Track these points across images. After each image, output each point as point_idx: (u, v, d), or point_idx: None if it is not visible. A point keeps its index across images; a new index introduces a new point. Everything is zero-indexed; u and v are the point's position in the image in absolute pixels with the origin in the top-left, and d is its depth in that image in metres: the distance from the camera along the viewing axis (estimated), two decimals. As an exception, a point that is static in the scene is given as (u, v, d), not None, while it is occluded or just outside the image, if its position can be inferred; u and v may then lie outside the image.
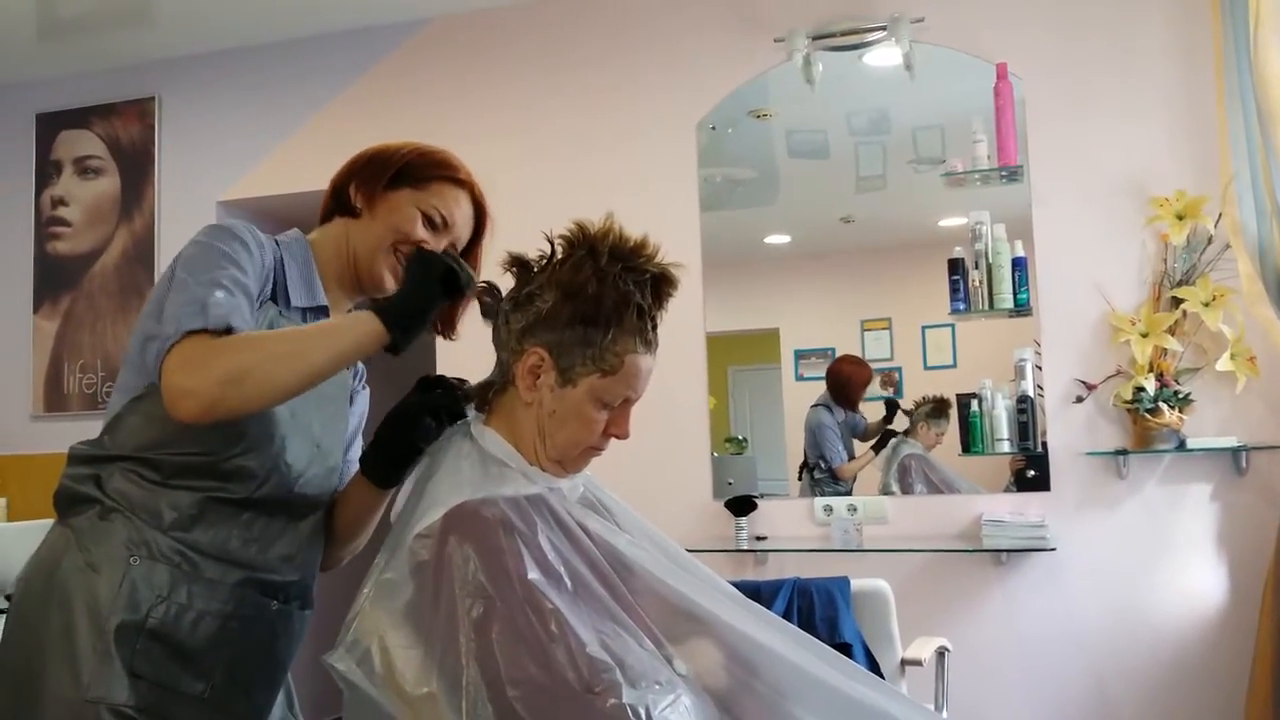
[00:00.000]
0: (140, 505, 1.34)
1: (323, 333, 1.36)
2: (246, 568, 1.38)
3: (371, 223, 1.51)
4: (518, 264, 1.37)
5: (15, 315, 4.34)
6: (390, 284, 1.52)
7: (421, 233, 1.50)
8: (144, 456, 1.35)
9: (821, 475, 3.60)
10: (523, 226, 1.52)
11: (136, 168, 4.26)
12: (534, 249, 1.37)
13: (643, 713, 1.14)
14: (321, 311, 1.51)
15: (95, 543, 1.32)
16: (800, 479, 3.62)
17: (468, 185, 1.55)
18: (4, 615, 1.36)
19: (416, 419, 1.39)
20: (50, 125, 4.38)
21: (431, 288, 1.39)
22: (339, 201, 1.55)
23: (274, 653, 1.45)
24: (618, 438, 1.37)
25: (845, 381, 3.63)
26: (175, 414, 1.25)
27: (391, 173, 1.51)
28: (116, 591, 1.30)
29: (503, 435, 1.35)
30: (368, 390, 1.67)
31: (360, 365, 1.62)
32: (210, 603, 1.35)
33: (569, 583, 1.25)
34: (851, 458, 3.61)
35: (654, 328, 1.35)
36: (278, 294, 1.45)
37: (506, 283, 1.39)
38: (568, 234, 1.34)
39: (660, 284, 1.34)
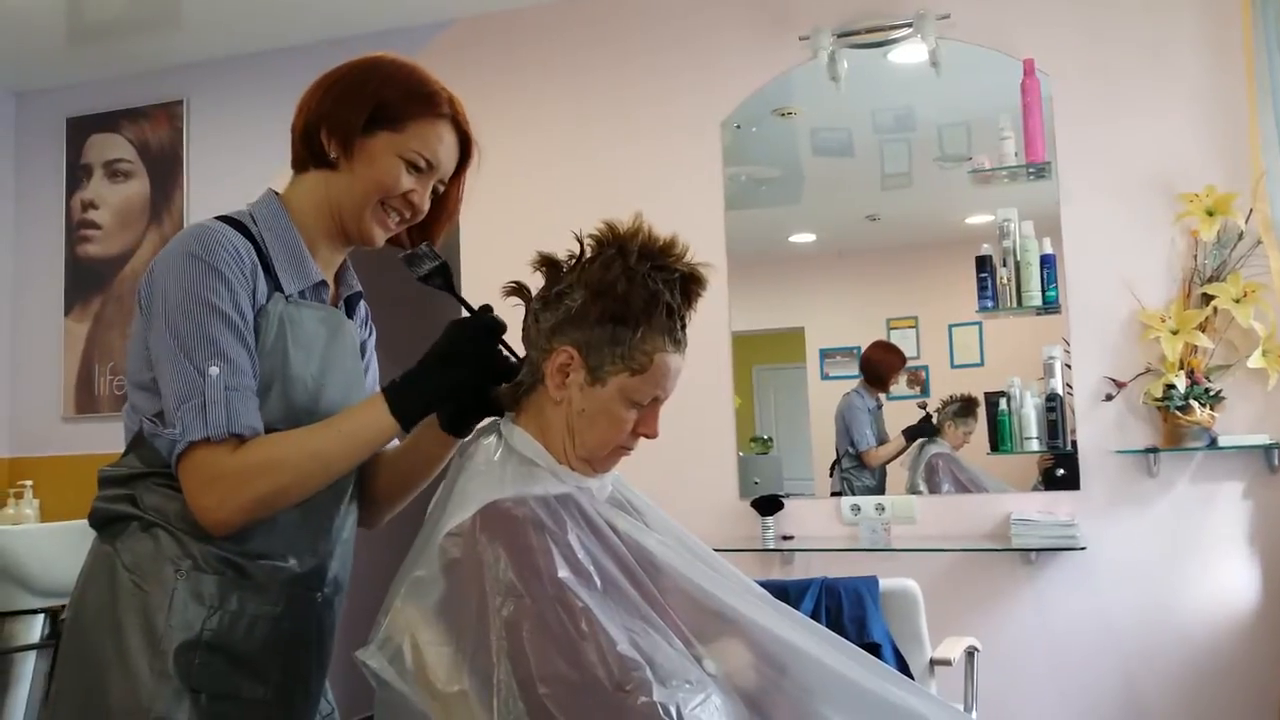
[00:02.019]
0: (179, 517, 1.32)
1: (341, 437, 1.33)
2: (293, 564, 1.39)
3: (351, 176, 1.42)
4: (547, 263, 1.37)
5: (46, 318, 4.38)
6: (380, 238, 1.46)
7: (407, 182, 1.42)
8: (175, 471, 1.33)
9: (850, 464, 3.58)
10: (548, 225, 1.52)
11: (165, 171, 4.29)
12: (560, 247, 1.38)
13: (673, 711, 1.14)
14: (320, 288, 1.45)
15: (139, 560, 1.32)
16: (831, 475, 3.60)
17: (449, 115, 1.45)
18: (59, 638, 1.36)
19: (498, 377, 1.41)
20: (80, 129, 4.42)
21: (454, 373, 1.36)
22: (311, 151, 1.44)
23: (322, 641, 1.46)
24: (647, 437, 1.37)
25: (877, 365, 3.61)
26: (204, 528, 1.29)
27: (365, 117, 1.40)
28: (168, 608, 1.29)
29: (532, 434, 1.36)
30: (374, 333, 1.62)
31: (364, 309, 1.58)
32: (261, 606, 1.35)
33: (598, 581, 1.25)
34: (881, 444, 3.60)
35: (683, 327, 1.35)
36: (270, 282, 1.39)
37: (536, 282, 1.39)
38: (597, 233, 1.34)
39: (689, 283, 1.34)
